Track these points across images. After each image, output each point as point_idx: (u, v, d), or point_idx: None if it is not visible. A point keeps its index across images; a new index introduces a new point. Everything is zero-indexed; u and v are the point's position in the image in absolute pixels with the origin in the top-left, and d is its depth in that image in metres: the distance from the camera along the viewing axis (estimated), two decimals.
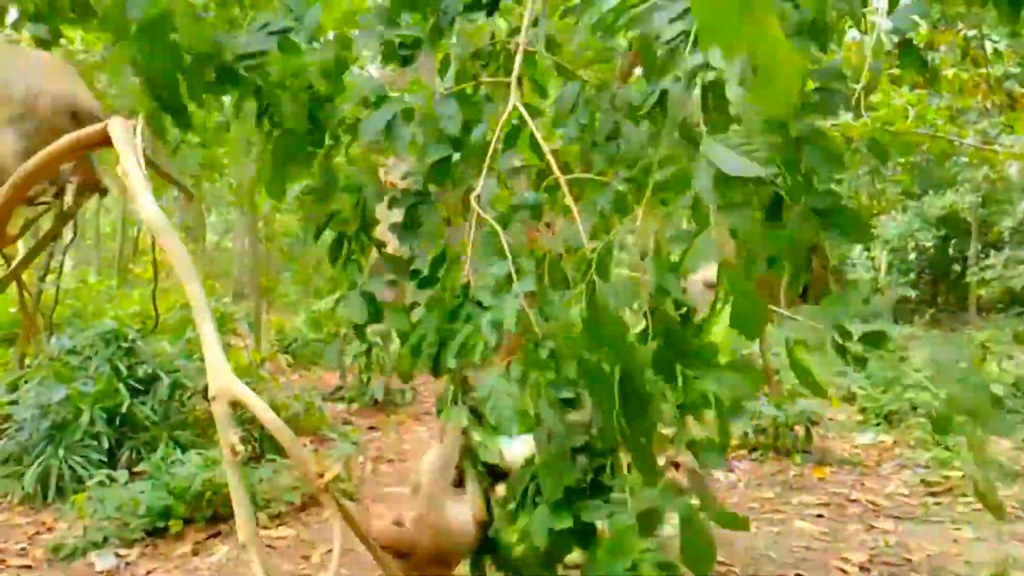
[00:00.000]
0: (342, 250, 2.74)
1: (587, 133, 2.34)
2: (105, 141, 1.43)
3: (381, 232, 2.48)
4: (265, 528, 5.07)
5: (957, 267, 17.28)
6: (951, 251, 17.37)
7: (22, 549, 4.84)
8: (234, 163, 9.76)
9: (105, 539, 4.73)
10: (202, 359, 4.47)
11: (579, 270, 1.85)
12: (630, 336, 1.73)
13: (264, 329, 10.37)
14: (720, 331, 1.94)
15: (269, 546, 4.84)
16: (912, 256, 17.22)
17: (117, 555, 4.64)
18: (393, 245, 2.46)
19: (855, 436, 7.42)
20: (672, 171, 1.65)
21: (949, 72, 6.47)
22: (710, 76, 1.55)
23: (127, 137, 1.41)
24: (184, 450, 5.59)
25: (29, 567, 4.58)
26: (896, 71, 5.95)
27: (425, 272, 2.29)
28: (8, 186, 1.53)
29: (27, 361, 6.53)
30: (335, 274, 2.74)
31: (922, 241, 16.61)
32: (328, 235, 2.58)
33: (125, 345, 6.39)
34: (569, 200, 1.82)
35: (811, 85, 1.84)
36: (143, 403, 6.05)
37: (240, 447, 1.21)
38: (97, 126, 1.44)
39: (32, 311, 3.76)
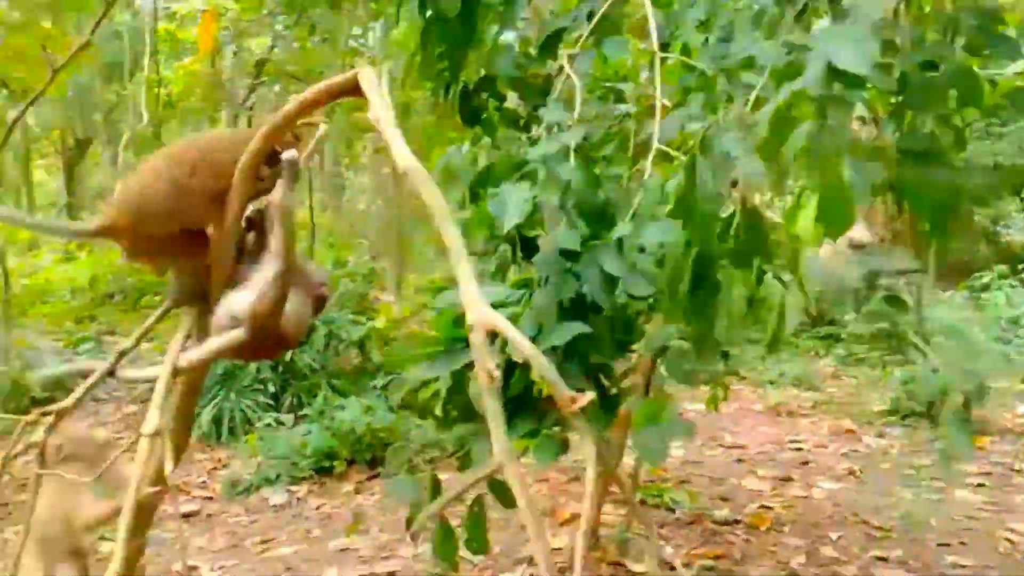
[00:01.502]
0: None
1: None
2: (354, 90, 1.52)
3: None
4: (421, 472, 5.31)
5: None
6: None
7: (203, 482, 5.29)
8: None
9: (277, 476, 5.09)
10: (355, 312, 4.69)
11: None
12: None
13: (403, 286, 10.73)
14: (806, 223, 1.88)
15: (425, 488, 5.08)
16: None
17: (288, 491, 5.00)
18: None
19: (1017, 405, 6.99)
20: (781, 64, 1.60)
21: None
22: None
23: (376, 85, 1.50)
24: (344, 396, 5.92)
25: (211, 498, 5.00)
26: None
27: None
28: (260, 136, 1.65)
29: None
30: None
31: None
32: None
33: None
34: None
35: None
36: (303, 352, 6.43)
37: (497, 373, 1.28)
38: (347, 74, 1.53)
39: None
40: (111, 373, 1.61)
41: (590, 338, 1.88)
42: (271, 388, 6.15)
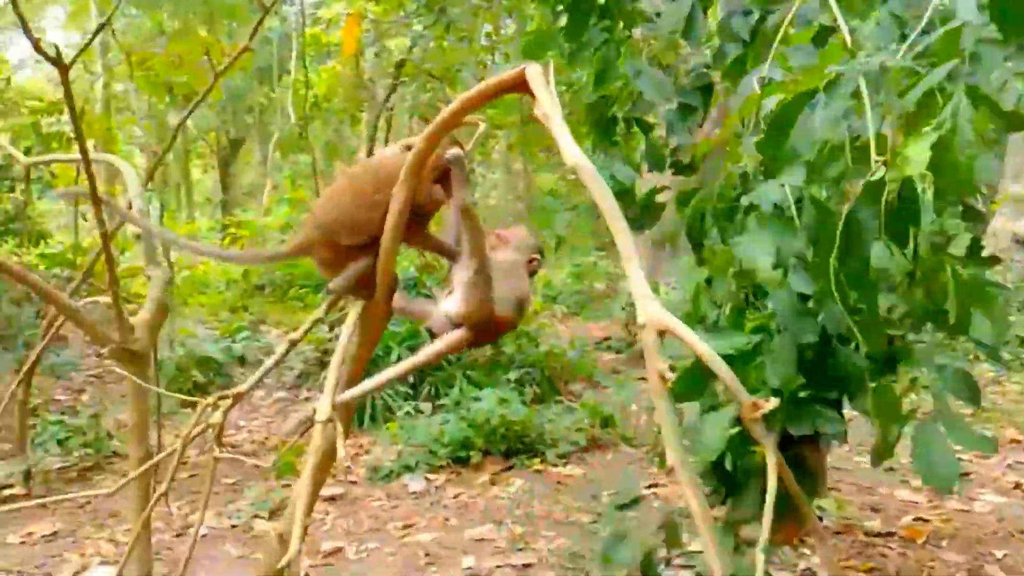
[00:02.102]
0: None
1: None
2: (522, 86, 1.52)
3: None
4: (553, 466, 5.34)
5: None
6: None
7: (347, 467, 5.51)
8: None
9: (416, 464, 5.24)
10: None
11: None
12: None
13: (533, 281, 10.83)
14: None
15: (558, 482, 5.10)
16: None
17: (426, 479, 5.14)
18: None
19: None
20: None
21: None
22: None
23: (543, 81, 1.50)
24: (479, 387, 6.02)
25: (355, 482, 5.21)
26: None
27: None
28: (424, 137, 1.69)
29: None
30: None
31: None
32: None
33: (424, 292, 6.98)
34: None
35: None
36: None
37: (670, 374, 1.25)
38: (513, 71, 1.54)
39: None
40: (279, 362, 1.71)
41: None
42: (410, 378, 6.34)
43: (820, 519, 4.34)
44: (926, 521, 4.37)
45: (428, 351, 1.86)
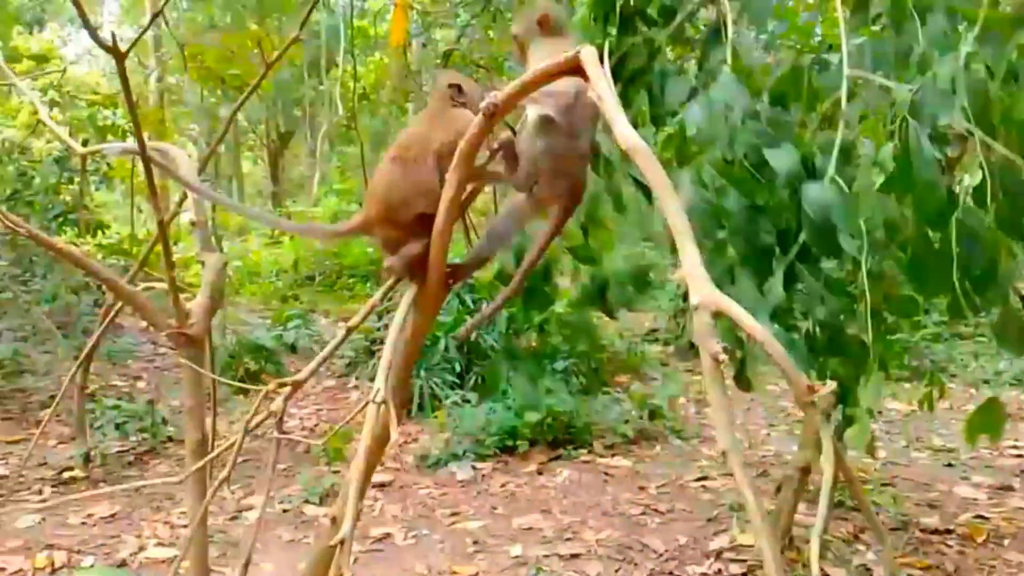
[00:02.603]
0: None
1: None
2: (576, 68, 1.50)
3: None
4: (601, 457, 5.31)
5: None
6: None
7: (395, 454, 5.55)
8: None
9: (464, 452, 5.26)
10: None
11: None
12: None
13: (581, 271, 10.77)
14: None
15: (605, 473, 5.07)
16: None
17: (473, 467, 5.15)
18: None
19: None
20: None
21: None
22: None
23: (598, 64, 1.47)
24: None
25: (403, 470, 5.24)
26: None
27: None
28: (477, 122, 1.67)
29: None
30: None
31: None
32: None
33: (469, 281, 6.99)
34: None
35: None
36: (487, 334, 6.59)
37: (723, 356, 1.22)
38: (568, 54, 1.51)
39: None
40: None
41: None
42: (457, 367, 6.37)
43: (876, 514, 4.24)
44: (986, 519, 4.24)
45: (539, 240, 1.90)
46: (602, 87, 1.43)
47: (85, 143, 10.14)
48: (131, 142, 2.62)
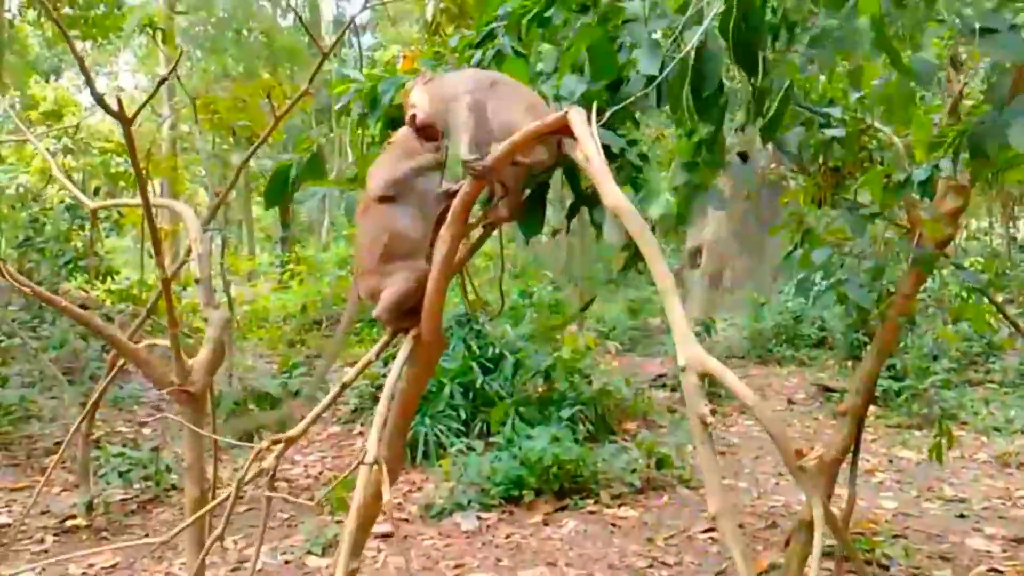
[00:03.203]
0: None
1: None
2: (564, 129, 1.52)
3: None
4: (607, 507, 5.24)
5: None
6: None
7: (399, 504, 5.50)
8: None
9: (468, 502, 5.20)
10: (540, 342, 4.72)
11: None
12: None
13: (586, 316, 10.78)
14: None
15: (612, 524, 5.00)
16: None
17: (478, 518, 5.09)
18: None
19: None
20: None
21: None
22: None
23: (585, 124, 1.50)
24: (532, 425, 5.98)
25: (407, 520, 5.19)
26: None
27: None
28: (470, 181, 1.70)
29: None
30: None
31: None
32: None
33: (476, 327, 7.00)
34: None
35: None
36: (492, 380, 6.58)
37: (711, 418, 1.22)
38: (556, 115, 1.54)
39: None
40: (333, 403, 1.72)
41: None
42: (462, 414, 6.34)
43: (887, 567, 4.17)
44: (1000, 572, 4.16)
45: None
46: (589, 148, 1.45)
47: (97, 191, 10.29)
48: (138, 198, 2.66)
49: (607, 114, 1.88)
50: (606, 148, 1.98)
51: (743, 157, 10.18)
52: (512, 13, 2.53)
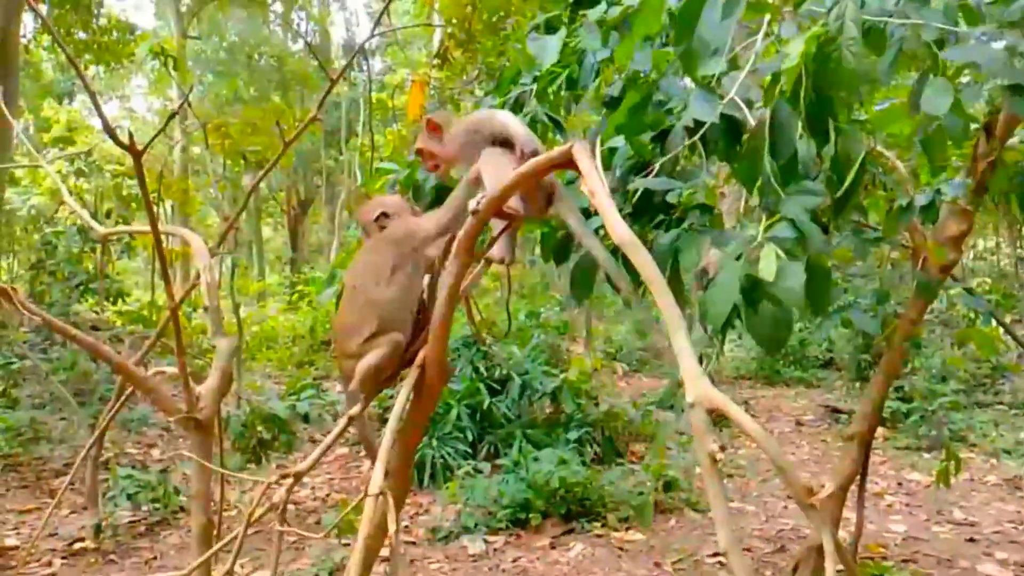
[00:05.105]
0: None
1: None
2: (568, 163, 1.55)
3: None
4: (615, 531, 5.22)
5: None
6: None
7: (406, 527, 5.49)
8: None
9: (475, 525, 5.19)
10: (546, 362, 4.73)
11: None
12: None
13: (592, 336, 10.78)
14: None
15: (619, 548, 4.98)
16: None
17: (485, 541, 5.08)
18: None
19: None
20: None
21: None
22: None
23: (590, 158, 1.53)
24: (539, 447, 5.97)
25: (413, 543, 5.18)
26: None
27: None
28: (487, 203, 1.74)
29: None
30: None
31: None
32: None
33: (483, 349, 7.02)
34: None
35: None
36: (500, 402, 6.58)
37: (720, 455, 1.23)
38: (561, 148, 1.57)
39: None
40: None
41: None
42: (469, 436, 6.34)
43: None
44: None
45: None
46: (594, 181, 1.48)
47: (109, 213, 10.38)
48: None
49: (656, 165, 1.95)
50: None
51: None
52: (540, 78, 2.60)
